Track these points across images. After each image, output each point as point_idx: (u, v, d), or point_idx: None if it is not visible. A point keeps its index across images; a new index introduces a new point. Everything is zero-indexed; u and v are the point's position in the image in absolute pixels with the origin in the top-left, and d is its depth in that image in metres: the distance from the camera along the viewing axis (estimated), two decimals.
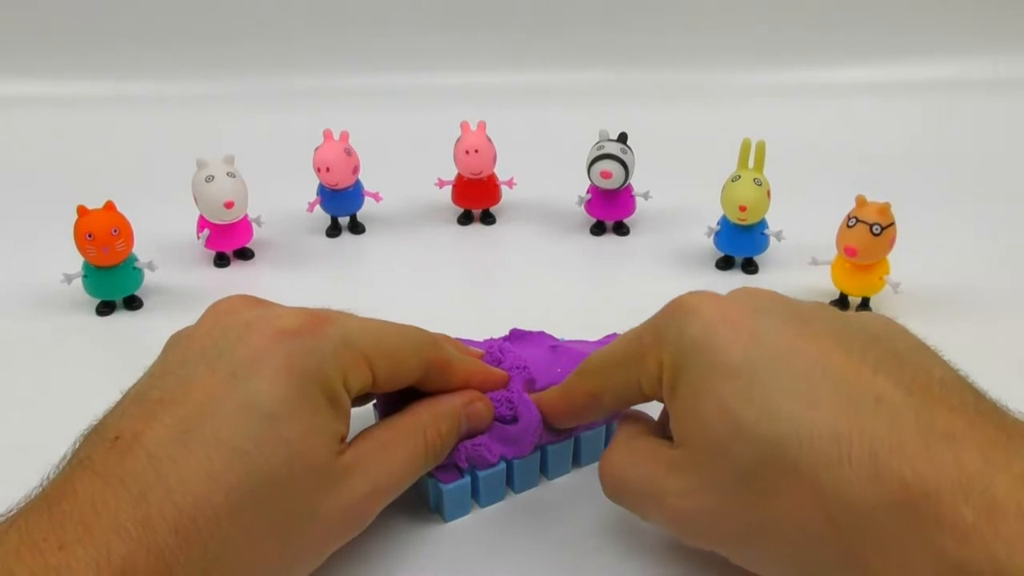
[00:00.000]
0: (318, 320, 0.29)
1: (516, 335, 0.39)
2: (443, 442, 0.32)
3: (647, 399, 0.30)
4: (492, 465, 0.34)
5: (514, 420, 0.34)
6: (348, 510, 0.28)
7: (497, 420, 0.34)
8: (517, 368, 0.36)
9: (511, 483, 0.35)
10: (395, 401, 0.33)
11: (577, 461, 0.37)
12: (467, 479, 0.34)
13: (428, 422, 0.32)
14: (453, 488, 0.33)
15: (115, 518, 0.23)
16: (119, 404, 0.28)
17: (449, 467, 0.34)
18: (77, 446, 0.27)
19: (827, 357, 0.24)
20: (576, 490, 0.36)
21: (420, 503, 0.35)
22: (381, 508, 0.30)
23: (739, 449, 0.24)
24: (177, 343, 0.30)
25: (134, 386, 0.28)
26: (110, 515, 0.23)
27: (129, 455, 0.25)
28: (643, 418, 0.32)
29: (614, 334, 0.40)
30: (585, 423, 0.35)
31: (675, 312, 0.28)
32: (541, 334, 0.39)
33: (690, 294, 0.28)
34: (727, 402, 0.25)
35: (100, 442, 0.26)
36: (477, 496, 0.35)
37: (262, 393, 0.26)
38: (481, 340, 0.39)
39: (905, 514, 0.21)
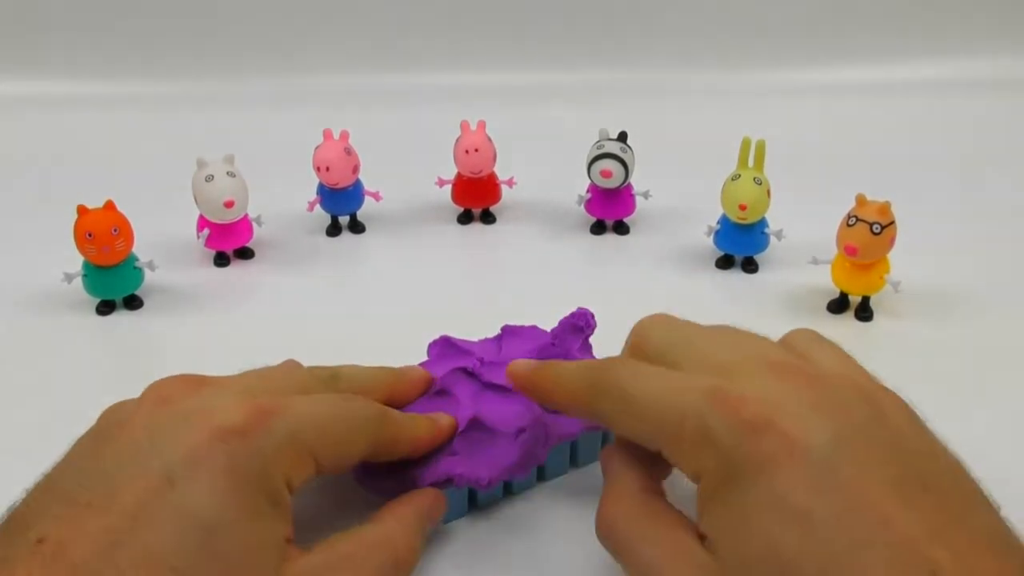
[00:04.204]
0: (262, 413, 0.27)
1: (508, 331, 0.39)
2: (416, 555, 0.30)
3: (651, 459, 0.28)
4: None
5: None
6: None
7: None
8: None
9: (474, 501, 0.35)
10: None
11: (575, 462, 0.37)
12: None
13: (399, 537, 0.29)
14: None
15: None
16: (40, 495, 0.25)
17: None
18: None
19: (884, 512, 0.22)
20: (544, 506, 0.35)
21: None
22: None
23: None
24: (109, 433, 0.27)
25: (57, 474, 0.26)
26: None
27: (53, 566, 0.22)
28: (637, 466, 0.29)
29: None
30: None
31: (734, 419, 0.25)
32: (533, 328, 0.39)
33: (757, 402, 0.25)
34: (780, 548, 0.23)
35: (22, 542, 0.23)
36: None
37: (199, 503, 0.24)
38: (475, 340, 0.39)
39: None
